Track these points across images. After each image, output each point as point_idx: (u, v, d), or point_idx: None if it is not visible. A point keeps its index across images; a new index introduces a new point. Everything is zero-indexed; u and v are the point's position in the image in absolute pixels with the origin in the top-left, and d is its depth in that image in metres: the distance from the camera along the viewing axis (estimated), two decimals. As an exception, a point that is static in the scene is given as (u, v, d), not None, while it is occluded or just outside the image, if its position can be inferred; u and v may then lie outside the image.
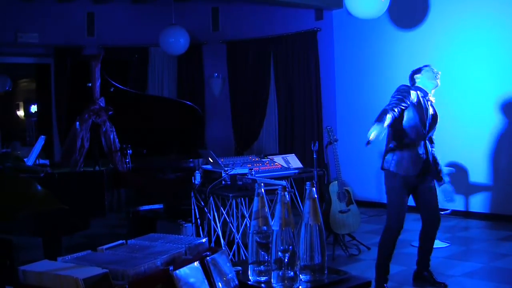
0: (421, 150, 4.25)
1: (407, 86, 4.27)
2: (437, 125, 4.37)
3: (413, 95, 4.20)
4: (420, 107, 4.22)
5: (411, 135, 4.21)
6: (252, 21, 9.75)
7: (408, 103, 4.13)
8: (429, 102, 4.30)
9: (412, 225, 5.69)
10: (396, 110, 4.02)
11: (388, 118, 3.93)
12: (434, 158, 4.35)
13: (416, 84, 4.37)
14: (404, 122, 4.20)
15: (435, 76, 4.34)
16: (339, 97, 8.75)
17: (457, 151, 7.25)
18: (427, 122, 4.23)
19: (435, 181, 4.41)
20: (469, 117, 7.23)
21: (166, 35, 8.86)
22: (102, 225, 6.65)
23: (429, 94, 4.32)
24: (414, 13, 7.76)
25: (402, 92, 4.16)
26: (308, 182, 2.03)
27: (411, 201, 4.43)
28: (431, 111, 4.29)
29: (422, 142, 4.26)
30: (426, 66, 4.44)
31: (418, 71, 4.41)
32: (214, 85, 10.08)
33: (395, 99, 4.12)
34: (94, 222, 4.96)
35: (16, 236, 4.96)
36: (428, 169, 4.32)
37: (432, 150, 4.33)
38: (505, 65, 6.92)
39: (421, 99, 4.25)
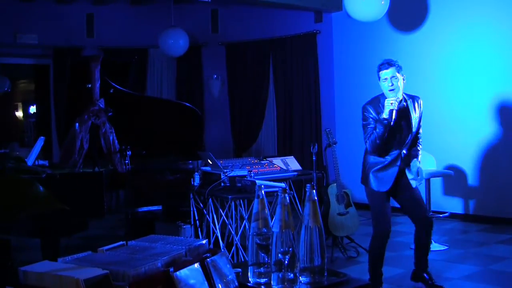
0: (395, 163, 4.23)
1: (368, 110, 4.19)
2: (421, 127, 4.30)
3: (379, 112, 4.15)
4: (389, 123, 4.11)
5: (387, 147, 4.20)
6: (251, 23, 9.76)
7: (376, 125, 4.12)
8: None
9: (411, 228, 5.70)
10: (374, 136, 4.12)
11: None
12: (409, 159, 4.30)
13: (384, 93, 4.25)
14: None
15: (389, 90, 4.13)
16: (338, 99, 8.76)
17: (456, 154, 7.26)
18: (404, 130, 4.17)
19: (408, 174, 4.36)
20: (467, 120, 7.24)
21: (166, 36, 8.86)
22: (100, 226, 6.65)
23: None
24: (414, 16, 7.78)
25: (367, 122, 4.16)
26: (308, 184, 2.03)
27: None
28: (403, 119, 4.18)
29: (397, 152, 4.23)
30: (382, 69, 4.19)
31: (378, 76, 4.24)
32: (213, 86, 10.09)
33: (369, 128, 4.15)
34: (93, 223, 4.96)
35: (15, 237, 4.97)
36: (405, 180, 4.32)
37: (405, 156, 4.28)
38: (504, 68, 6.94)
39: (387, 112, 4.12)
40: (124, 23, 9.68)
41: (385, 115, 4.07)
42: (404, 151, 4.25)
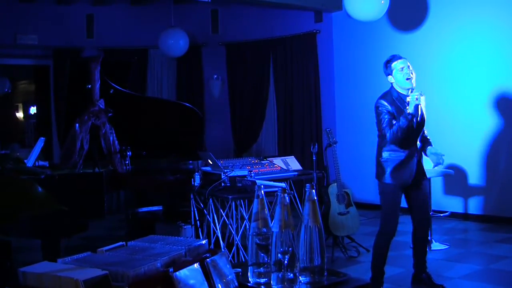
0: (413, 154, 4.25)
1: (382, 104, 4.18)
2: (426, 122, 4.34)
3: (395, 107, 4.15)
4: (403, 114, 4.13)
5: (407, 141, 4.21)
6: (251, 23, 9.76)
7: (394, 118, 4.13)
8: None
9: (411, 227, 5.70)
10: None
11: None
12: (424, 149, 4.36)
13: (393, 87, 4.25)
14: None
15: (406, 78, 4.16)
16: (338, 99, 8.75)
17: (456, 154, 7.25)
18: (414, 125, 4.18)
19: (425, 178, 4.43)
20: (467, 119, 7.24)
21: (166, 37, 8.87)
22: (101, 227, 6.65)
23: (407, 97, 4.17)
24: (414, 16, 7.77)
25: (383, 115, 4.14)
26: (308, 184, 2.03)
27: (404, 203, 4.45)
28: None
29: (414, 147, 4.26)
30: (396, 60, 4.21)
31: (389, 68, 4.23)
32: (214, 87, 10.09)
33: (386, 119, 4.13)
34: (93, 223, 4.96)
35: (15, 238, 4.96)
36: (422, 171, 4.35)
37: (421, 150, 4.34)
38: (504, 68, 6.93)
39: (401, 106, 4.15)
40: (124, 24, 9.68)
41: (410, 110, 4.05)
42: (419, 143, 4.30)
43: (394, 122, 4.12)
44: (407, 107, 4.10)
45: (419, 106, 4.13)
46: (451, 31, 7.39)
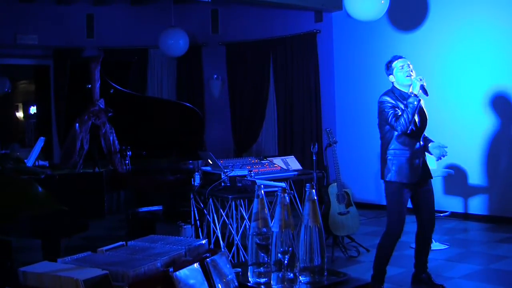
0: (418, 153, 4.25)
1: (386, 100, 4.19)
2: (428, 120, 4.34)
3: (398, 104, 4.17)
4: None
5: (405, 140, 4.21)
6: (251, 23, 9.76)
7: (398, 111, 4.14)
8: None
9: (412, 227, 5.69)
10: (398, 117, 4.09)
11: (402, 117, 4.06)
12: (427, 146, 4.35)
13: (394, 85, 4.29)
14: None
15: (408, 74, 4.21)
16: (338, 99, 8.75)
17: (456, 154, 7.23)
18: (418, 122, 4.20)
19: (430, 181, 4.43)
20: (467, 119, 7.24)
21: (166, 36, 8.87)
22: (101, 227, 6.65)
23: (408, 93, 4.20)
24: (414, 15, 7.77)
25: (387, 109, 4.15)
26: (308, 184, 2.03)
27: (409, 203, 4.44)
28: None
29: (418, 144, 4.26)
30: (396, 59, 4.29)
31: (390, 68, 4.29)
32: (214, 86, 10.09)
33: (391, 112, 4.13)
34: (93, 223, 4.96)
35: (16, 238, 4.97)
36: (428, 171, 4.35)
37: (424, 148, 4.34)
38: (504, 67, 6.93)
39: (403, 103, 4.16)
40: (124, 24, 9.69)
41: (416, 91, 4.09)
42: (421, 142, 4.29)
43: (399, 113, 4.10)
44: (412, 93, 4.11)
45: (424, 86, 4.11)
46: (451, 31, 7.39)
